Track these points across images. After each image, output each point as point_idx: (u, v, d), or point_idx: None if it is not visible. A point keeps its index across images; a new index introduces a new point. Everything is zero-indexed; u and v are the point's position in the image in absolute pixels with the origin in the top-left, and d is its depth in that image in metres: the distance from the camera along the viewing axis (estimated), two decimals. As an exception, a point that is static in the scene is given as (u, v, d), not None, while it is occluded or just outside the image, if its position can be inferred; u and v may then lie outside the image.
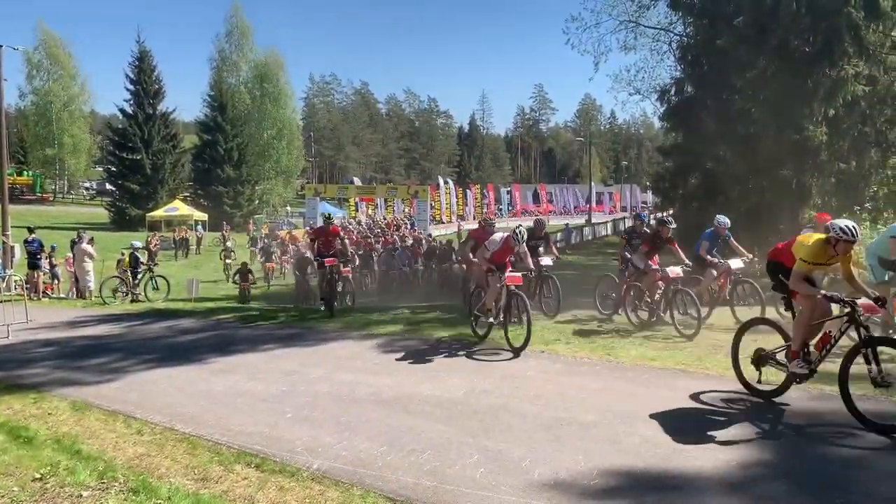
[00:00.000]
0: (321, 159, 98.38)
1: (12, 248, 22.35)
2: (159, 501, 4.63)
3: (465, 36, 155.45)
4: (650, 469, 5.06)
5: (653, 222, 13.35)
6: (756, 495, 4.58)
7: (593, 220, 53.52)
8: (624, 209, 64.12)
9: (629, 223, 24.43)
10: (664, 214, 17.40)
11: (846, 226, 5.90)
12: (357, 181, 65.15)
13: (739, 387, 6.73)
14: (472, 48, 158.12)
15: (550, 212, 63.05)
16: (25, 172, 61.90)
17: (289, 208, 60.33)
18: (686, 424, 5.93)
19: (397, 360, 9.08)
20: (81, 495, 4.73)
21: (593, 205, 63.21)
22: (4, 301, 13.54)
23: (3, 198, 23.78)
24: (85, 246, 20.02)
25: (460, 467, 5.18)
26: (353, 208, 53.55)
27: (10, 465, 5.34)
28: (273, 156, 61.18)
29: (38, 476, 5.09)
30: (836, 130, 17.75)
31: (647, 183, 61.18)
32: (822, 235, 6.08)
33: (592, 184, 69.70)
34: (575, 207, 65.81)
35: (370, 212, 53.46)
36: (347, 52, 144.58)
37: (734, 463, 5.07)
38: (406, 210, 51.37)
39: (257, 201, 57.07)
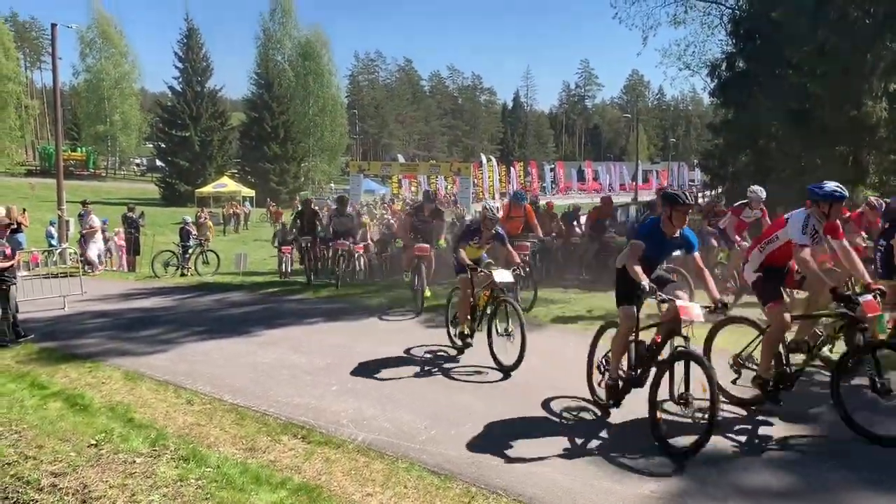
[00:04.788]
0: (365, 137, 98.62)
1: (67, 222, 22.99)
2: (209, 469, 4.74)
3: (511, 11, 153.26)
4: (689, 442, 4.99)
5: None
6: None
7: (639, 199, 52.59)
8: (671, 188, 62.66)
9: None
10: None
11: None
12: (401, 158, 65.13)
13: None
14: (517, 23, 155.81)
15: (595, 190, 62.19)
16: (79, 149, 63.36)
17: (333, 185, 60.72)
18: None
19: (440, 336, 9.09)
20: (135, 461, 4.87)
21: (640, 183, 62.04)
22: (60, 274, 13.96)
23: (59, 173, 24.45)
24: (93, 217, 20.33)
25: (503, 443, 5.18)
26: (397, 185, 53.75)
27: (67, 431, 5.53)
28: (317, 133, 61.63)
29: (93, 442, 5.26)
30: (897, 106, 17.05)
31: (696, 161, 59.77)
32: None
33: (639, 161, 68.36)
34: (620, 185, 64.77)
35: (412, 188, 53.62)
36: (392, 28, 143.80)
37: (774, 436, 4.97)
38: (449, 187, 51.28)
39: (303, 178, 57.51)
